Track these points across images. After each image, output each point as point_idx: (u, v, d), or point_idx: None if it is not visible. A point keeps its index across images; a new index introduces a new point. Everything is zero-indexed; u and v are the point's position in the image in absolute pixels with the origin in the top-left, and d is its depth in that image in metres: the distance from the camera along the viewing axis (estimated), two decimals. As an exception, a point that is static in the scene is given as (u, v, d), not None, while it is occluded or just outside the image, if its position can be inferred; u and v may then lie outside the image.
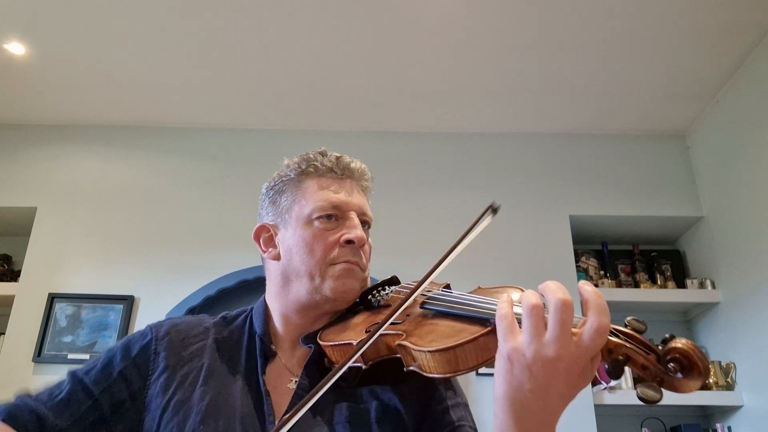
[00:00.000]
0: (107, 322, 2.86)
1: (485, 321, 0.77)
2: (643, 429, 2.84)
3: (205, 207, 3.14)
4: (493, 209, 0.80)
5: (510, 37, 2.71)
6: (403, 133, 3.34)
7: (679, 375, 0.65)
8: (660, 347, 0.67)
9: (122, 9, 2.57)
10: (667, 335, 0.68)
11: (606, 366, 0.68)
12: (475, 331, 0.76)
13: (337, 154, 1.03)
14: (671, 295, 3.03)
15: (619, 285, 3.10)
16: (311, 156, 1.03)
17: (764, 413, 2.58)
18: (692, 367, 0.64)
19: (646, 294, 3.02)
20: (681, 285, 3.08)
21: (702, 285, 3.00)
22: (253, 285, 2.94)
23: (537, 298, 0.69)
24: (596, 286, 3.05)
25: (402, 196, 3.10)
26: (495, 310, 0.75)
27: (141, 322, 2.86)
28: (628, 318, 0.71)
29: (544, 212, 3.13)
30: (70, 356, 2.78)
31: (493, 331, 0.74)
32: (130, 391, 0.91)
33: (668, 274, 3.14)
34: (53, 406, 0.88)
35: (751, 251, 2.71)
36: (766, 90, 2.68)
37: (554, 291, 0.68)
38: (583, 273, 3.11)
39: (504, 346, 0.70)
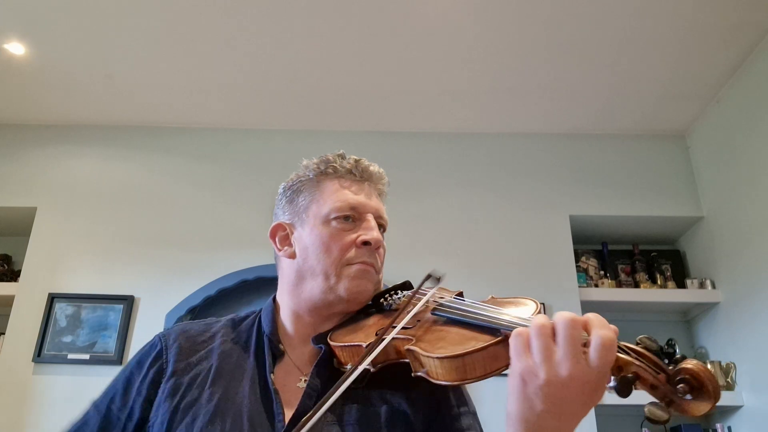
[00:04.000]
0: (107, 322, 2.85)
1: (496, 331, 0.76)
2: (643, 429, 2.84)
3: (205, 207, 3.14)
4: (435, 278, 0.80)
5: (510, 38, 2.71)
6: (403, 133, 3.34)
7: (689, 397, 0.65)
8: (671, 367, 0.67)
9: (122, 9, 2.57)
10: (678, 355, 0.67)
11: (615, 384, 0.67)
12: (485, 340, 0.75)
13: (356, 157, 1.05)
14: (671, 295, 3.03)
15: (619, 285, 3.10)
16: (330, 158, 1.03)
17: (764, 413, 2.58)
18: (702, 389, 0.64)
19: (646, 294, 3.02)
20: (681, 285, 3.08)
21: (702, 285, 3.00)
22: (253, 285, 2.94)
23: (545, 318, 0.70)
24: (596, 286, 3.09)
25: (401, 197, 3.10)
26: (506, 321, 0.75)
27: (141, 322, 2.86)
28: (640, 336, 0.70)
29: (544, 212, 3.12)
30: (70, 356, 2.78)
31: (503, 342, 0.74)
32: (150, 402, 0.92)
33: (668, 274, 3.14)
34: None
35: (751, 251, 2.71)
36: (766, 90, 2.68)
37: (561, 313, 0.69)
38: (583, 273, 3.11)
39: (517, 366, 0.69)
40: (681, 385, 0.65)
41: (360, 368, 0.77)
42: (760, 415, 2.61)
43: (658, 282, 3.09)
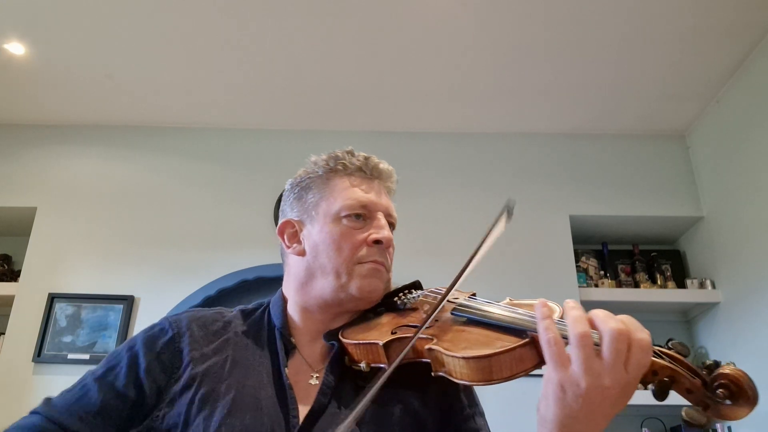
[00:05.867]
0: (107, 322, 2.85)
1: (521, 332, 0.76)
2: (643, 429, 2.83)
3: (205, 207, 3.14)
4: (508, 210, 0.80)
5: (510, 37, 2.71)
6: (403, 133, 3.34)
7: (728, 402, 0.65)
8: (705, 372, 0.67)
9: (122, 9, 2.57)
10: (711, 362, 0.68)
11: (652, 388, 0.68)
12: (512, 341, 0.75)
13: (365, 154, 1.04)
14: (671, 295, 3.03)
15: (619, 285, 3.10)
16: (339, 154, 1.03)
17: (764, 413, 2.58)
18: (741, 394, 0.64)
19: (646, 294, 3.02)
20: (681, 285, 3.08)
21: (702, 285, 3.00)
22: (253, 285, 2.93)
23: (585, 325, 0.69)
24: (596, 286, 3.09)
25: (401, 197, 3.09)
26: (532, 323, 0.74)
27: (141, 322, 2.86)
28: (672, 341, 0.72)
29: (544, 212, 3.12)
30: (70, 356, 2.78)
31: (530, 344, 0.74)
32: (158, 387, 0.89)
33: (668, 274, 3.14)
34: (88, 423, 0.86)
35: (751, 251, 2.70)
36: (766, 90, 2.68)
37: (605, 320, 0.68)
38: (583, 273, 3.11)
39: (555, 375, 0.69)
40: (720, 390, 0.65)
41: (393, 366, 0.76)
42: (760, 415, 2.60)
43: (658, 282, 3.09)
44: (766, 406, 2.81)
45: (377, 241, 0.96)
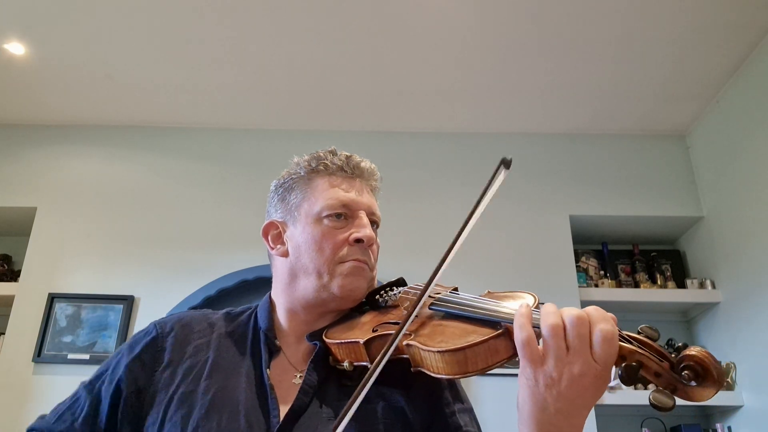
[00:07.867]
0: (107, 322, 2.86)
1: (496, 324, 0.77)
2: (643, 429, 2.84)
3: (205, 207, 3.14)
4: (506, 163, 0.82)
5: (510, 37, 2.71)
6: (403, 133, 3.34)
7: (693, 383, 0.66)
8: (674, 355, 0.68)
9: (122, 9, 2.57)
10: (680, 344, 0.69)
11: (619, 372, 0.69)
12: (486, 333, 0.76)
13: (347, 153, 1.04)
14: (671, 295, 3.03)
15: (619, 285, 3.10)
16: (321, 154, 1.03)
17: (764, 413, 2.58)
18: (706, 375, 0.65)
19: (646, 294, 3.02)
20: (681, 285, 3.08)
21: (702, 285, 3.00)
22: (253, 285, 2.94)
23: (557, 317, 0.71)
24: (596, 286, 3.09)
25: (401, 197, 3.10)
26: (506, 314, 0.76)
27: (141, 322, 2.86)
28: (642, 326, 0.72)
29: (544, 212, 3.12)
30: (70, 356, 2.78)
31: (504, 335, 0.75)
32: (137, 387, 0.92)
33: (668, 274, 3.14)
34: (78, 428, 0.91)
35: (751, 251, 2.70)
36: (766, 90, 2.68)
37: (567, 310, 0.71)
38: (583, 273, 3.11)
39: (529, 370, 0.71)
40: (686, 372, 0.66)
41: (383, 363, 0.76)
42: (760, 415, 2.61)
43: (658, 282, 3.09)
44: (766, 406, 2.81)
45: (358, 240, 0.96)
